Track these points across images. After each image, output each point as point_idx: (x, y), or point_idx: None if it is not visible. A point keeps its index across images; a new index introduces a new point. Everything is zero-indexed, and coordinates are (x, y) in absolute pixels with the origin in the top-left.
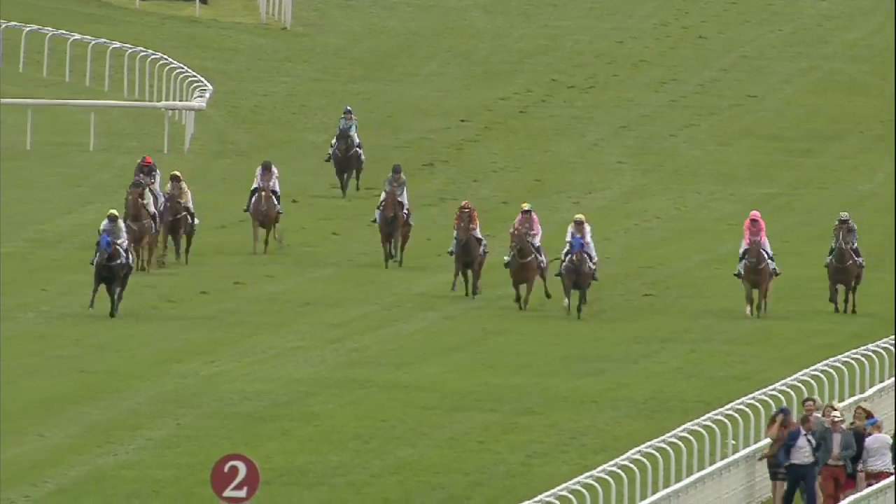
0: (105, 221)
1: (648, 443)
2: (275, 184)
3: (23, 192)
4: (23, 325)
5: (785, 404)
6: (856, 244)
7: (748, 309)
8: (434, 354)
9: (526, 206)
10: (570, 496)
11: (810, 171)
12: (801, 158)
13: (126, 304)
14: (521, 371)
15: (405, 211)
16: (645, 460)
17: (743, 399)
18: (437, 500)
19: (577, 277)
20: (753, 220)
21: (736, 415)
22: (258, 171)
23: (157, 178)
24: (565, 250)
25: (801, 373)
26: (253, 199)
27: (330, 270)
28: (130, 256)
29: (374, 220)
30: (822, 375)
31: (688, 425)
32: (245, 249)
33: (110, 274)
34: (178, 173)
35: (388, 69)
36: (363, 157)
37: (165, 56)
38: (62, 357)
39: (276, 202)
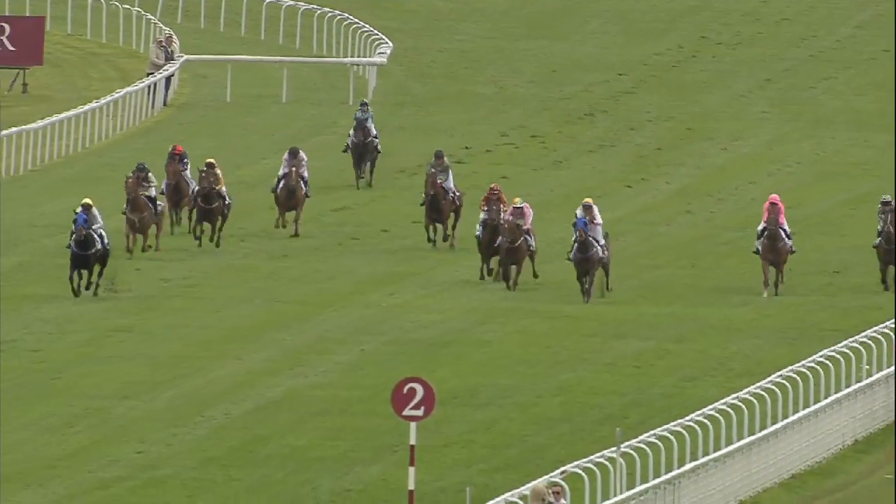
0: (79, 210)
1: (789, 367)
2: (303, 169)
3: (224, 140)
4: (225, 259)
5: None
6: None
7: (765, 290)
8: (594, 286)
9: (518, 202)
10: (718, 416)
11: None
12: None
13: (315, 242)
14: (674, 302)
15: (452, 193)
16: (786, 383)
17: (877, 327)
18: (596, 419)
19: (584, 265)
20: (773, 204)
21: (870, 342)
22: (285, 156)
23: (188, 165)
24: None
25: None
26: (280, 183)
27: None
28: (106, 239)
29: (422, 203)
30: None
31: (825, 351)
32: (420, 198)
33: (85, 263)
34: (212, 160)
35: (552, 28)
36: (380, 146)
37: (351, 16)
38: (259, 289)
39: (303, 186)
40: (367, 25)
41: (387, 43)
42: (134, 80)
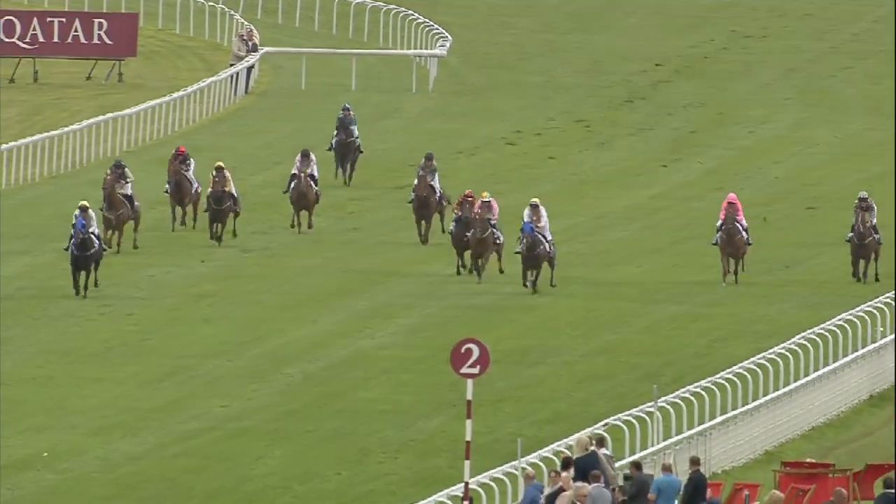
0: (77, 211)
1: (811, 329)
2: (313, 169)
3: (299, 124)
4: (298, 233)
5: None
6: (874, 221)
7: (724, 278)
8: (634, 256)
9: (486, 197)
10: (746, 374)
11: None
12: None
13: (382, 216)
14: (706, 270)
15: (438, 194)
16: (808, 344)
17: (889, 293)
18: (636, 376)
19: (532, 261)
20: (731, 203)
21: (884, 307)
22: (297, 158)
23: (192, 165)
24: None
25: None
26: (292, 184)
27: (548, 187)
28: (101, 243)
29: (410, 202)
30: None
31: (844, 315)
32: (476, 176)
33: (85, 264)
34: (221, 164)
35: (596, 22)
36: (361, 147)
37: (414, 12)
38: (331, 258)
39: (314, 185)
40: (428, 20)
41: (447, 36)
42: (218, 70)
